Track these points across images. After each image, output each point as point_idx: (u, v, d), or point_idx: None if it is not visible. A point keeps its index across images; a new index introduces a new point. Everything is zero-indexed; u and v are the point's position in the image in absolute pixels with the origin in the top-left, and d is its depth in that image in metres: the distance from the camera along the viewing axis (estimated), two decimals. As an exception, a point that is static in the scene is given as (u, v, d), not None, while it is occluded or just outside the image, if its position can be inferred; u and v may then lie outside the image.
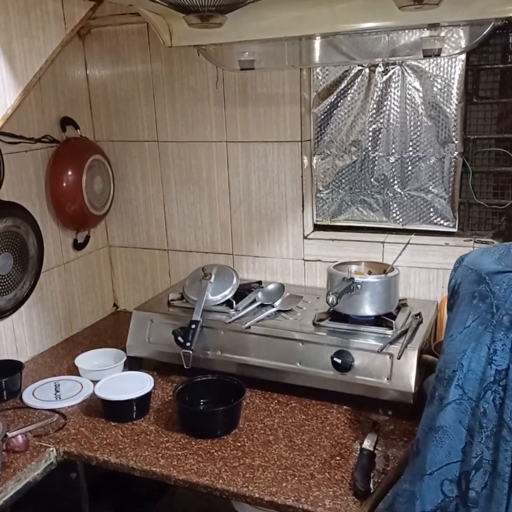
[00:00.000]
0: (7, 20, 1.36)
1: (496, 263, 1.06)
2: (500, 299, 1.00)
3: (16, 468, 1.44)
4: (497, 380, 0.95)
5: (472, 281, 1.06)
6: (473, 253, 1.15)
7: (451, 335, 1.05)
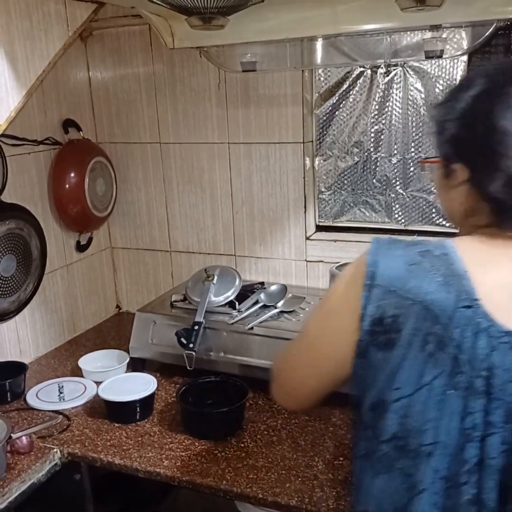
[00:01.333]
0: (9, 22, 1.36)
1: (444, 290, 0.83)
2: (465, 351, 0.81)
3: (20, 470, 1.45)
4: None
5: (421, 317, 0.83)
6: (386, 262, 0.89)
7: (399, 387, 0.85)
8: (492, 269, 0.85)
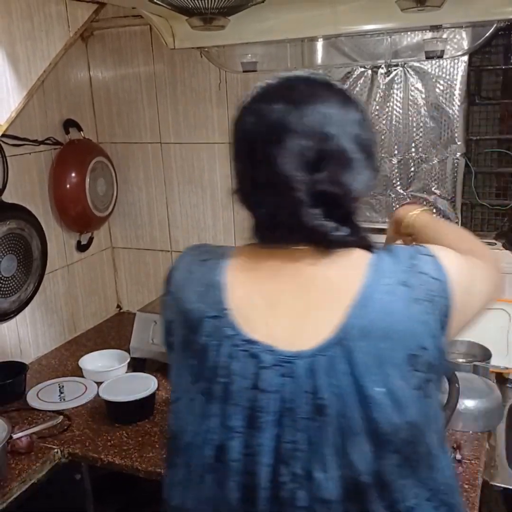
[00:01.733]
0: (11, 23, 1.36)
1: (200, 300, 0.85)
2: (209, 358, 0.83)
3: (21, 470, 1.45)
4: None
5: (183, 325, 0.87)
6: (179, 270, 0.91)
7: (174, 390, 0.91)
8: (247, 280, 0.86)
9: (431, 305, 0.79)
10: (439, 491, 0.82)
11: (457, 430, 1.55)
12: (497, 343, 1.84)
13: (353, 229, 0.83)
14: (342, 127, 0.79)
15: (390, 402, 0.77)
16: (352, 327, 0.78)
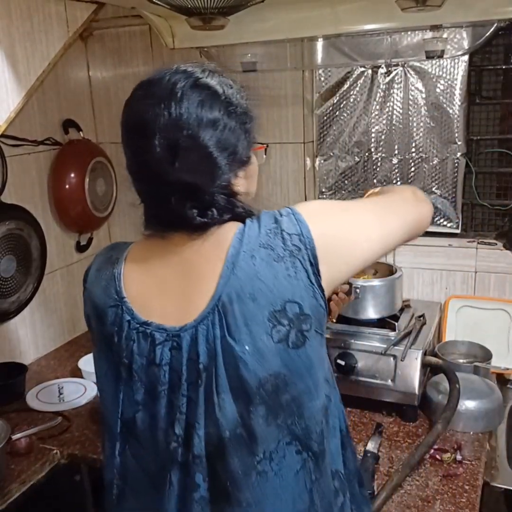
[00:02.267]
0: (10, 24, 1.36)
1: (104, 292, 0.95)
2: (115, 343, 0.92)
3: (20, 471, 1.45)
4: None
5: (95, 318, 0.97)
6: (92, 270, 1.01)
7: (98, 381, 1.02)
8: (141, 269, 0.94)
9: (293, 259, 0.85)
10: (304, 436, 0.88)
11: (458, 431, 1.55)
12: (498, 344, 1.84)
13: (221, 211, 0.89)
14: (199, 124, 0.85)
15: (256, 358, 0.84)
16: (224, 294, 0.85)
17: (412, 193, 1.08)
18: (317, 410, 0.90)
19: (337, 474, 0.96)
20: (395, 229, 0.99)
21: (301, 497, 0.89)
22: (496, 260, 1.90)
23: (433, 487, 1.35)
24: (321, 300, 0.88)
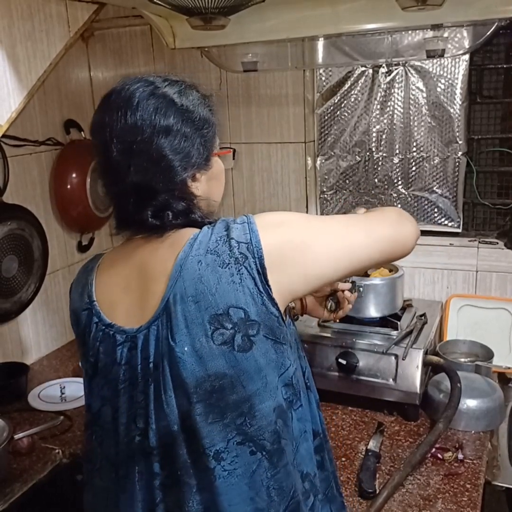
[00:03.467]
0: (11, 24, 1.36)
1: (79, 298, 1.03)
2: (86, 343, 1.00)
3: (22, 470, 1.45)
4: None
5: (74, 323, 1.05)
6: (75, 282, 1.08)
7: (83, 380, 1.10)
8: (110, 273, 1.01)
9: (239, 266, 0.88)
10: (257, 436, 0.91)
11: (459, 430, 1.55)
12: (500, 343, 1.84)
13: (176, 215, 0.94)
14: (153, 130, 0.91)
15: (194, 358, 0.88)
16: (171, 296, 0.89)
17: (397, 214, 1.07)
18: (268, 412, 0.92)
19: (307, 477, 0.99)
20: (362, 244, 0.97)
21: (259, 495, 0.92)
22: (497, 259, 1.90)
23: (434, 486, 1.36)
24: (272, 308, 0.90)
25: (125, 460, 0.96)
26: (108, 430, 0.99)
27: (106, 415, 0.99)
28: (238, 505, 0.91)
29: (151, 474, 0.93)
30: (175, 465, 0.92)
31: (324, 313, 1.33)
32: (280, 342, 0.93)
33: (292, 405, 0.96)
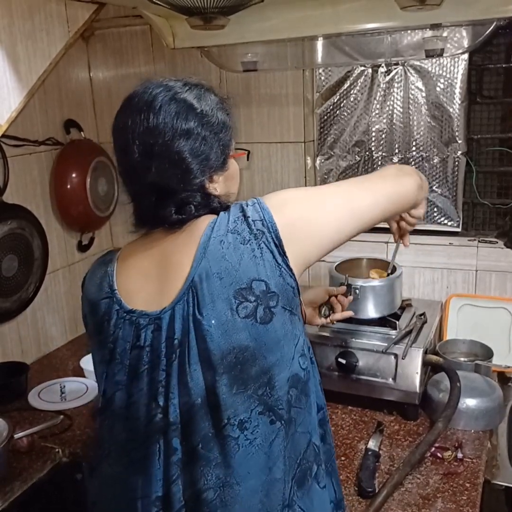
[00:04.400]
0: (11, 24, 1.36)
1: (98, 288, 1.06)
2: (104, 330, 1.03)
3: (22, 469, 1.45)
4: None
5: (91, 313, 1.07)
6: (89, 275, 1.11)
7: (95, 375, 1.11)
8: (130, 263, 1.05)
9: (259, 241, 0.93)
10: (276, 406, 0.95)
11: (459, 429, 1.55)
12: (499, 342, 1.84)
13: (198, 207, 0.98)
14: (174, 133, 0.95)
15: (220, 331, 0.91)
16: (196, 275, 0.93)
17: (396, 169, 1.15)
18: (284, 382, 0.96)
19: (312, 446, 1.02)
20: (366, 203, 1.04)
21: (277, 465, 0.95)
22: (497, 259, 1.90)
23: (434, 485, 1.36)
24: (289, 279, 0.95)
25: (143, 441, 0.97)
26: (120, 415, 1.01)
27: (120, 399, 1.00)
28: (256, 474, 0.93)
29: (169, 450, 0.95)
30: (195, 439, 0.94)
31: (321, 320, 1.44)
32: (294, 313, 0.97)
33: (309, 375, 1.02)
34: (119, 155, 1.01)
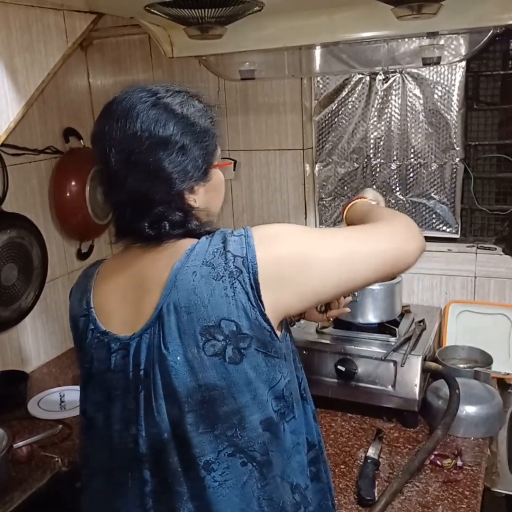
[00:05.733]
0: (9, 35, 1.36)
1: (78, 304, 1.04)
2: (82, 349, 1.02)
3: (21, 479, 1.45)
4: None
5: (73, 328, 1.05)
6: (74, 287, 1.08)
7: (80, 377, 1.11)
8: (108, 280, 1.02)
9: (233, 280, 0.88)
10: (248, 448, 0.91)
11: (458, 436, 1.55)
12: (498, 349, 1.84)
13: (173, 225, 0.94)
14: (152, 141, 0.91)
15: (186, 368, 0.88)
16: (164, 305, 0.90)
17: (403, 227, 1.02)
18: (256, 424, 0.92)
19: (297, 489, 0.98)
20: (361, 260, 0.94)
21: (250, 506, 0.92)
22: (495, 265, 1.90)
23: (433, 493, 1.35)
24: (264, 323, 0.89)
25: (120, 466, 0.97)
26: (102, 436, 1.00)
27: (99, 421, 1.00)
28: None
29: (142, 481, 0.94)
30: (165, 472, 0.92)
31: (318, 316, 1.37)
32: (272, 356, 0.92)
33: (285, 417, 0.96)
34: (98, 162, 0.98)
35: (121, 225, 1.00)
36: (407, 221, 1.05)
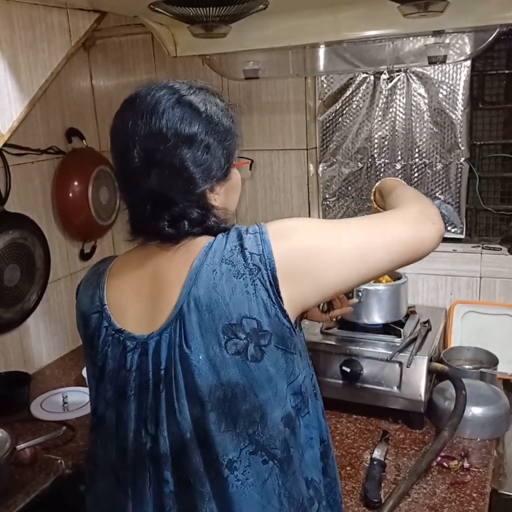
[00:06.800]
0: (12, 34, 1.36)
1: (90, 301, 1.02)
2: (94, 346, 1.00)
3: (24, 481, 1.44)
4: None
5: (82, 325, 1.04)
6: (82, 284, 1.07)
7: (88, 387, 1.10)
8: (122, 277, 1.01)
9: (253, 277, 0.88)
10: (269, 445, 0.91)
11: (465, 438, 1.54)
12: (504, 349, 1.83)
13: (192, 223, 0.93)
14: (177, 139, 0.90)
15: (208, 366, 0.88)
16: (185, 304, 0.89)
17: (418, 211, 1.00)
18: (278, 420, 0.92)
19: (312, 483, 0.99)
20: (377, 249, 0.93)
21: (271, 503, 0.92)
22: (501, 265, 1.89)
23: (440, 495, 1.34)
24: (283, 319, 0.90)
25: (133, 466, 0.96)
26: (111, 434, 0.99)
27: (110, 419, 0.99)
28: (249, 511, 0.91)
29: (161, 481, 0.93)
30: (186, 473, 0.91)
31: (320, 315, 1.35)
32: (290, 352, 0.93)
33: (300, 413, 0.97)
34: (118, 159, 0.96)
35: (139, 223, 0.98)
36: (425, 204, 1.03)
